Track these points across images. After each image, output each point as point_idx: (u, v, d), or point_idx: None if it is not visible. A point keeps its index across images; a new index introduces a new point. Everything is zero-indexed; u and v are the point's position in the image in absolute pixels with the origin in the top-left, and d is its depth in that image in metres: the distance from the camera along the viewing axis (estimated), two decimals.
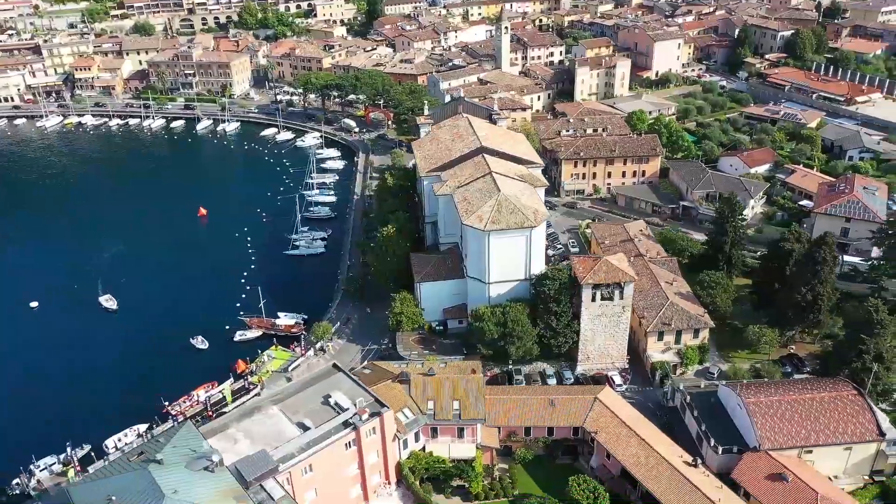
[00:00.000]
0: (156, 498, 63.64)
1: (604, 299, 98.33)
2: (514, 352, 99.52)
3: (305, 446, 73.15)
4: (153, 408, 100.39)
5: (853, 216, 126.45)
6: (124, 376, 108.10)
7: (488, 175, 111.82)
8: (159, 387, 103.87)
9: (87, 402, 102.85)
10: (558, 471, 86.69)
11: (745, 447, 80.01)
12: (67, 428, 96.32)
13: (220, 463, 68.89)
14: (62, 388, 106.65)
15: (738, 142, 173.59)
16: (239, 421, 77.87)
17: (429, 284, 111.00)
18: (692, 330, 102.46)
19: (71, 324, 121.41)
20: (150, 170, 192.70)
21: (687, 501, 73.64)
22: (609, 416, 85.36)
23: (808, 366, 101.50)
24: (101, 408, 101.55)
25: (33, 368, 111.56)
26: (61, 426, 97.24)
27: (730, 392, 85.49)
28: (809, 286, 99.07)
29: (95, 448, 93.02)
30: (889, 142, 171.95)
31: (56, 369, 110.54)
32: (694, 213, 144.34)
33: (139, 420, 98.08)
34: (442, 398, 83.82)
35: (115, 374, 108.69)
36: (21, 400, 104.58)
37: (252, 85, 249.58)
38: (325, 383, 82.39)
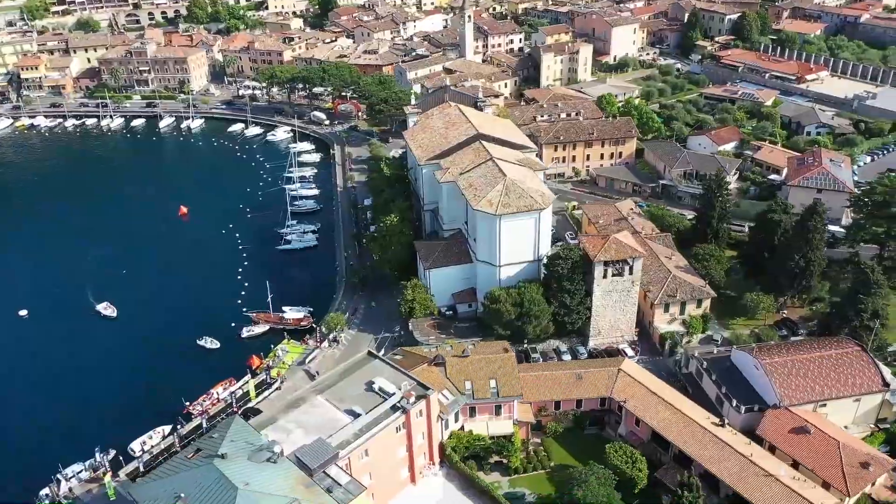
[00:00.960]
0: (228, 491, 63.97)
1: (614, 275, 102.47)
2: (531, 331, 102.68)
3: (360, 432, 74.45)
4: (174, 409, 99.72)
5: (824, 187, 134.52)
6: (136, 382, 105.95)
7: (490, 161, 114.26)
8: (175, 389, 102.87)
9: (103, 410, 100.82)
10: (588, 441, 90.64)
11: (765, 405, 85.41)
12: (87, 436, 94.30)
13: (280, 454, 69.56)
14: (73, 397, 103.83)
15: (704, 122, 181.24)
16: (287, 413, 78.40)
17: (438, 271, 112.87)
18: (695, 300, 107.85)
19: (70, 332, 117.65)
20: (118, 171, 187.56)
21: (721, 457, 78.39)
22: (634, 385, 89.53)
23: (801, 328, 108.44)
24: (119, 414, 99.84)
25: (39, 379, 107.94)
26: (81, 434, 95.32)
27: (745, 355, 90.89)
28: (802, 253, 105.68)
29: (120, 452, 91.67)
30: (841, 117, 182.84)
31: (64, 379, 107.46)
32: (674, 191, 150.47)
33: (161, 422, 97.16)
34: (478, 378, 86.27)
35: (127, 381, 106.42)
36: (33, 411, 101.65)
37: (210, 80, 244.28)
38: (364, 370, 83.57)
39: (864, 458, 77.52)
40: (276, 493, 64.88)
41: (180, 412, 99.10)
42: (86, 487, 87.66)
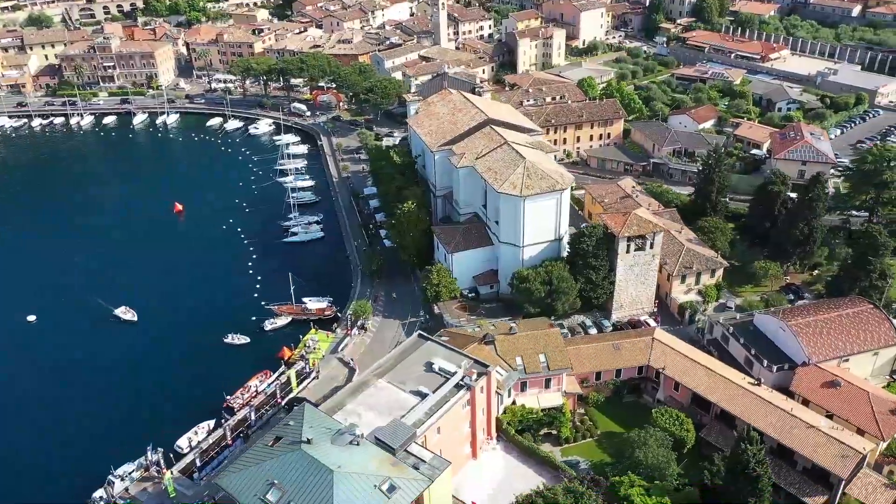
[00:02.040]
0: (324, 474, 65.27)
1: (637, 250, 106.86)
2: (560, 307, 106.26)
3: (431, 410, 76.43)
4: (214, 404, 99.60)
5: (808, 159, 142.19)
6: (171, 382, 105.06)
7: (505, 145, 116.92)
8: (211, 385, 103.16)
9: (144, 411, 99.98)
10: (627, 408, 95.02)
11: (794, 364, 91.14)
12: (131, 436, 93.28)
13: (361, 436, 71.06)
14: (111, 401, 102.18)
15: (681, 101, 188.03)
16: (353, 397, 79.69)
17: (460, 254, 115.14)
18: (709, 271, 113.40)
19: (92, 338, 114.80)
20: (99, 170, 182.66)
21: (763, 413, 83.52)
22: (670, 352, 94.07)
23: (805, 293, 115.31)
24: (160, 414, 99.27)
25: (72, 386, 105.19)
26: (125, 436, 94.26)
27: (769, 318, 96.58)
28: (806, 221, 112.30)
29: (165, 450, 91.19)
30: (808, 93, 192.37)
31: (97, 385, 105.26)
32: (665, 169, 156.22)
33: (203, 418, 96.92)
34: (528, 353, 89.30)
35: (162, 382, 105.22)
36: (74, 417, 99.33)
37: (177, 74, 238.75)
38: (419, 352, 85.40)
39: (892, 405, 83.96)
40: (368, 472, 66.52)
41: (220, 407, 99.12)
42: (140, 486, 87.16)
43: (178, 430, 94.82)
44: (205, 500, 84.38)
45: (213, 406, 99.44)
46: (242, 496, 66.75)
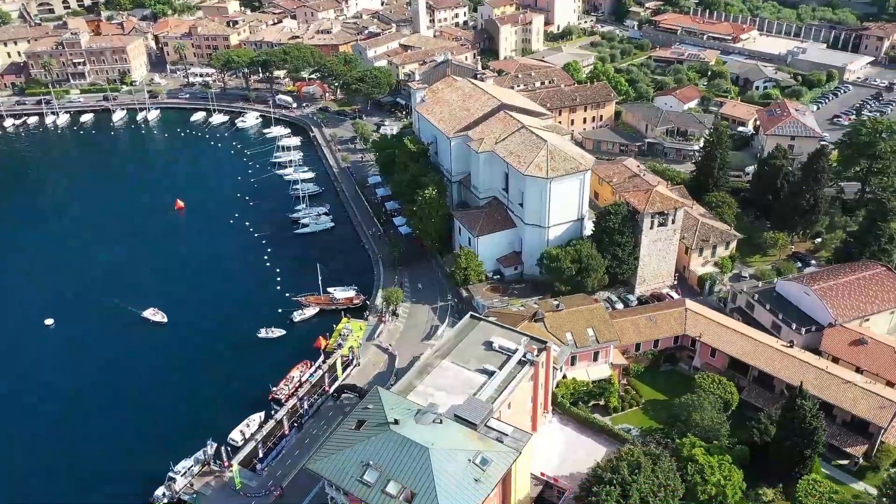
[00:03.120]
0: (420, 452, 66.95)
1: (660, 225, 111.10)
2: (590, 283, 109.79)
3: (501, 387, 78.75)
4: (259, 397, 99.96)
5: (797, 134, 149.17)
6: (213, 379, 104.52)
7: (523, 129, 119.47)
8: (253, 379, 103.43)
9: (190, 409, 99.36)
10: (665, 377, 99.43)
11: (820, 325, 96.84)
12: (182, 434, 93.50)
13: (442, 415, 72.96)
14: (156, 402, 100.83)
15: (663, 83, 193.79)
16: (420, 379, 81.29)
17: (486, 237, 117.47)
18: (724, 243, 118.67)
19: (123, 341, 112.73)
20: (89, 170, 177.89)
21: (801, 373, 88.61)
22: (704, 321, 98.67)
23: (811, 260, 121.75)
24: (206, 410, 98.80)
25: (114, 389, 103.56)
26: (175, 434, 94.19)
27: (791, 284, 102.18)
28: (811, 192, 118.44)
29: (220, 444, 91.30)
30: (781, 71, 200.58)
31: (139, 386, 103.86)
32: (660, 148, 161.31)
33: (251, 411, 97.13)
34: (577, 328, 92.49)
35: (204, 379, 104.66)
36: (121, 418, 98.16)
37: (149, 69, 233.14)
38: (475, 333, 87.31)
39: None
40: (459, 448, 68.56)
41: (266, 398, 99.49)
42: (202, 481, 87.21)
43: (229, 424, 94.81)
44: (270, 489, 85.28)
45: (259, 398, 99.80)
46: (338, 479, 67.88)
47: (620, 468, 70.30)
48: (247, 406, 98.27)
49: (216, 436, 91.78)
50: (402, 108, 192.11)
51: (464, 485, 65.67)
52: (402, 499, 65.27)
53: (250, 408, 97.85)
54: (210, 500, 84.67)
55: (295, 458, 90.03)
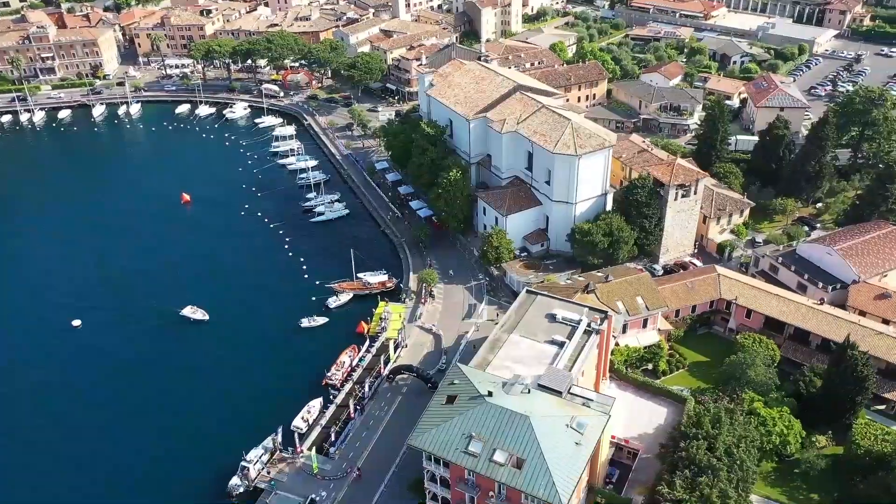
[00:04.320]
0: (521, 420, 69.68)
1: (683, 196, 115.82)
2: (622, 255, 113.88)
3: (574, 356, 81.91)
4: (313, 384, 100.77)
5: (786, 105, 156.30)
6: (264, 371, 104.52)
7: (543, 108, 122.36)
8: (303, 367, 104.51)
9: (248, 400, 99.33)
10: (702, 339, 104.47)
11: (844, 283, 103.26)
12: (245, 425, 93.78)
13: (529, 385, 75.72)
14: (212, 396, 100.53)
15: (647, 60, 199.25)
16: (493, 353, 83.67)
17: (514, 216, 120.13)
18: (739, 211, 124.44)
19: (166, 340, 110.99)
20: (82, 168, 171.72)
21: (835, 327, 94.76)
22: (737, 284, 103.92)
23: (816, 223, 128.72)
24: (265, 401, 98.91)
25: (167, 387, 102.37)
26: (239, 425, 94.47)
27: (813, 246, 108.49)
28: (817, 159, 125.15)
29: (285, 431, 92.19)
30: (755, 46, 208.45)
31: (195, 382, 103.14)
32: (655, 123, 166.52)
33: (309, 398, 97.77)
34: (627, 297, 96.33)
35: (255, 372, 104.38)
36: (184, 414, 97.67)
37: (120, 62, 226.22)
38: (535, 307, 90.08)
39: None
40: (555, 414, 71.51)
41: (320, 384, 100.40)
42: (275, 468, 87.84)
43: (290, 412, 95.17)
44: (347, 471, 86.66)
45: (314, 385, 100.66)
46: (443, 452, 70.06)
47: (703, 423, 74.52)
48: (303, 393, 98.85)
49: (278, 424, 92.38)
50: (394, 94, 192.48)
51: (567, 448, 68.77)
52: (510, 465, 67.99)
53: (307, 395, 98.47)
54: (286, 486, 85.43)
55: (363, 439, 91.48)
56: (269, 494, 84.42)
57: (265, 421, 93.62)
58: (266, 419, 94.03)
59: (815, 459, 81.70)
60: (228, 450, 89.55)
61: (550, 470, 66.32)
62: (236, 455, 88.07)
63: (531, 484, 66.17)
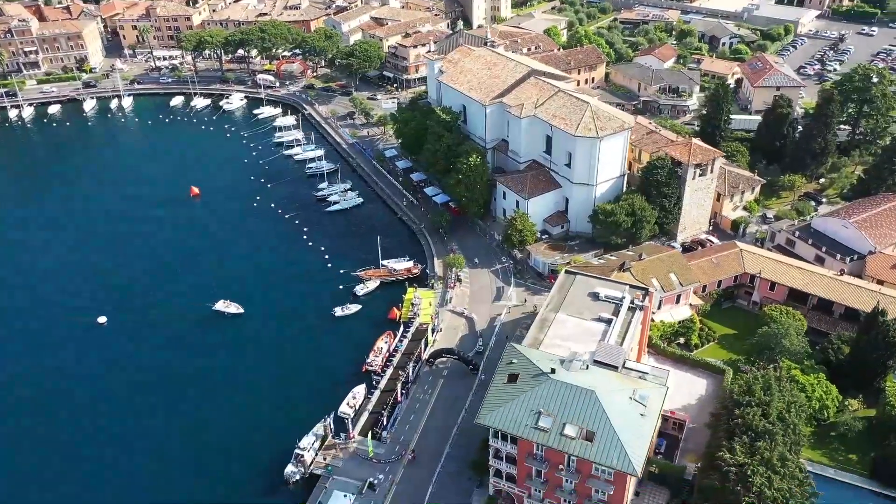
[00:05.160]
0: (587, 395, 71.71)
1: (700, 175, 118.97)
2: (644, 235, 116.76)
3: (622, 331, 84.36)
4: (354, 370, 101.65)
5: (782, 85, 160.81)
6: (304, 360, 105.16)
7: (560, 92, 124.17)
8: (343, 355, 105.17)
9: (292, 389, 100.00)
10: (728, 313, 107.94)
11: (861, 254, 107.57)
12: (293, 413, 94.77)
13: (587, 361, 77.92)
14: (257, 387, 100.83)
15: (638, 43, 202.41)
16: (542, 332, 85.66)
17: (536, 199, 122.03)
18: (750, 188, 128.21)
19: (203, 334, 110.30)
20: (84, 163, 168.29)
21: (857, 296, 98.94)
22: (759, 259, 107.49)
23: (822, 198, 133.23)
24: (309, 389, 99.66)
25: (214, 381, 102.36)
26: (287, 414, 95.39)
27: (827, 219, 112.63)
28: (822, 136, 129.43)
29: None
30: (742, 27, 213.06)
31: (240, 375, 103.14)
32: (655, 105, 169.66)
33: (353, 384, 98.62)
34: (661, 274, 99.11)
35: (296, 361, 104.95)
36: (233, 406, 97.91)
37: (104, 55, 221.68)
38: (576, 287, 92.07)
39: None
40: (617, 388, 73.86)
41: (361, 371, 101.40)
42: (327, 454, 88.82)
43: (335, 399, 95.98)
44: (402, 454, 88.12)
45: (355, 372, 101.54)
46: (513, 428, 71.82)
47: (755, 390, 77.60)
48: (345, 380, 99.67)
49: (324, 411, 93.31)
50: (392, 82, 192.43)
51: (633, 420, 71.17)
52: (580, 439, 70.20)
53: (349, 381, 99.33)
54: (343, 471, 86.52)
55: (411, 423, 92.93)
56: (327, 480, 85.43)
57: (311, 409, 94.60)
58: (312, 407, 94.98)
59: (853, 422, 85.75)
60: (279, 439, 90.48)
61: (622, 441, 68.70)
62: (287, 444, 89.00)
63: (604, 455, 68.48)
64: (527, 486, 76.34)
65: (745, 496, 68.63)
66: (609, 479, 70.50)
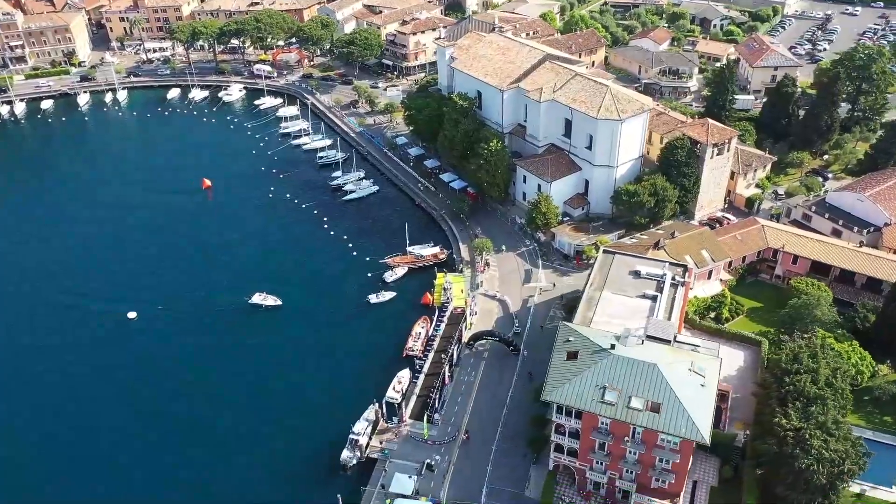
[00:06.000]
0: (650, 368, 74.07)
1: (717, 154, 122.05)
2: (666, 213, 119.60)
3: (669, 307, 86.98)
4: (394, 356, 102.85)
5: (779, 65, 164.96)
6: (346, 348, 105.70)
7: (577, 76, 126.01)
8: (383, 341, 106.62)
9: (338, 377, 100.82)
10: (752, 287, 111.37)
11: (877, 226, 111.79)
12: (339, 402, 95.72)
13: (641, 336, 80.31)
14: (306, 377, 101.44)
15: (632, 26, 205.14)
16: (591, 310, 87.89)
17: (558, 182, 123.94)
18: (762, 166, 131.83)
19: (241, 327, 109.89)
20: (88, 158, 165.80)
21: (878, 266, 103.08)
22: (780, 233, 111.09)
23: (828, 173, 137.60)
24: (354, 376, 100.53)
25: (262, 370, 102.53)
26: (337, 401, 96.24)
27: (843, 194, 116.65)
28: (828, 113, 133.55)
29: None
30: (731, 9, 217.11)
31: (292, 365, 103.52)
32: (656, 87, 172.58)
33: (396, 370, 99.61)
34: (694, 251, 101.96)
35: (339, 349, 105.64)
36: (279, 395, 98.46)
37: (92, 48, 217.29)
38: (616, 265, 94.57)
39: None
40: (675, 360, 76.38)
41: (401, 356, 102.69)
42: (381, 438, 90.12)
43: (381, 384, 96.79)
44: (456, 435, 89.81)
45: (395, 357, 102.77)
46: (580, 403, 73.95)
47: (802, 358, 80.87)
48: (387, 366, 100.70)
49: (371, 397, 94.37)
50: (392, 70, 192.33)
51: (695, 390, 73.79)
52: (647, 410, 72.64)
53: (391, 367, 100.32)
54: (399, 454, 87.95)
55: (459, 404, 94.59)
56: (385, 463, 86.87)
57: (358, 395, 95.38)
58: (358, 394, 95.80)
59: (887, 386, 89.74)
60: (330, 426, 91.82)
61: (688, 411, 71.31)
62: (339, 430, 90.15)
63: (672, 425, 71.04)
64: (589, 459, 78.65)
65: (805, 459, 71.88)
66: (675, 449, 73.10)
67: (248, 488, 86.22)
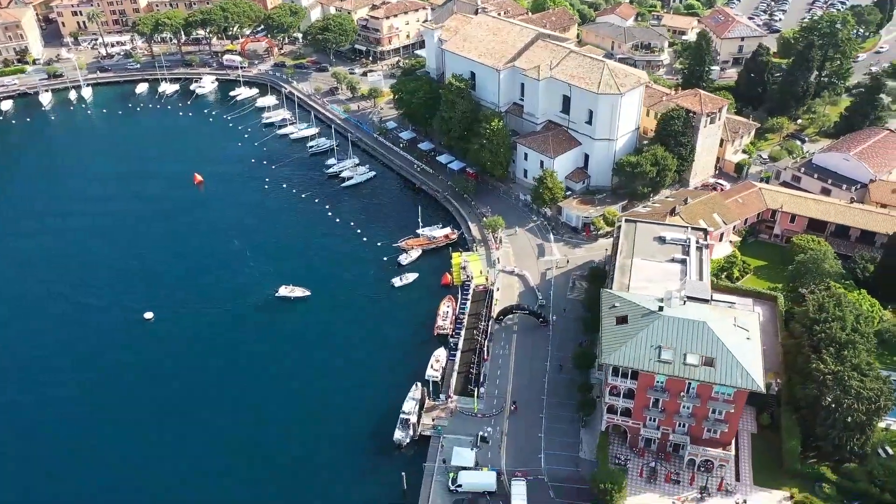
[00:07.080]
0: (699, 326, 78.04)
1: (710, 123, 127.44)
2: (667, 182, 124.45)
3: (699, 269, 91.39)
4: (426, 337, 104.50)
5: (746, 35, 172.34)
6: (379, 332, 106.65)
7: (572, 53, 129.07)
8: (412, 322, 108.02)
9: (375, 361, 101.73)
10: (754, 247, 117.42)
11: (862, 184, 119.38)
12: (381, 384, 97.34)
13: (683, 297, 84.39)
14: (348, 363, 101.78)
15: (596, 3, 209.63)
16: (625, 277, 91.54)
17: (561, 157, 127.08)
18: (747, 132, 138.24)
19: (273, 320, 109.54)
20: (68, 158, 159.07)
21: (871, 220, 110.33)
22: (777, 195, 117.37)
23: (805, 136, 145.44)
24: (386, 359, 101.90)
25: (298, 356, 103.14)
26: (374, 385, 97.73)
27: (829, 154, 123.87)
28: (804, 79, 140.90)
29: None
30: None
31: (322, 352, 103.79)
32: (630, 62, 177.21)
33: (431, 349, 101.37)
34: (706, 215, 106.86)
35: (372, 334, 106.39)
36: (324, 380, 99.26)
37: (45, 45, 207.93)
38: (640, 233, 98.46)
39: None
40: (719, 318, 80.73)
41: (432, 336, 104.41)
42: (429, 416, 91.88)
43: (419, 363, 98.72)
44: (503, 406, 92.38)
45: (427, 337, 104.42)
46: (638, 363, 77.50)
47: (828, 307, 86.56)
48: (421, 346, 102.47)
49: (412, 376, 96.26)
50: (366, 55, 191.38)
51: (743, 343, 78.31)
52: (702, 365, 76.79)
53: (426, 346, 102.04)
54: (451, 430, 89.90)
55: (500, 377, 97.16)
56: (438, 439, 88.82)
57: (398, 376, 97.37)
58: (398, 374, 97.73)
59: (894, 329, 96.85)
60: (377, 407, 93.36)
61: (741, 363, 75.77)
62: (386, 411, 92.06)
63: (728, 377, 75.37)
64: (643, 417, 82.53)
65: (846, 398, 77.57)
66: (729, 399, 77.51)
67: (314, 474, 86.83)
